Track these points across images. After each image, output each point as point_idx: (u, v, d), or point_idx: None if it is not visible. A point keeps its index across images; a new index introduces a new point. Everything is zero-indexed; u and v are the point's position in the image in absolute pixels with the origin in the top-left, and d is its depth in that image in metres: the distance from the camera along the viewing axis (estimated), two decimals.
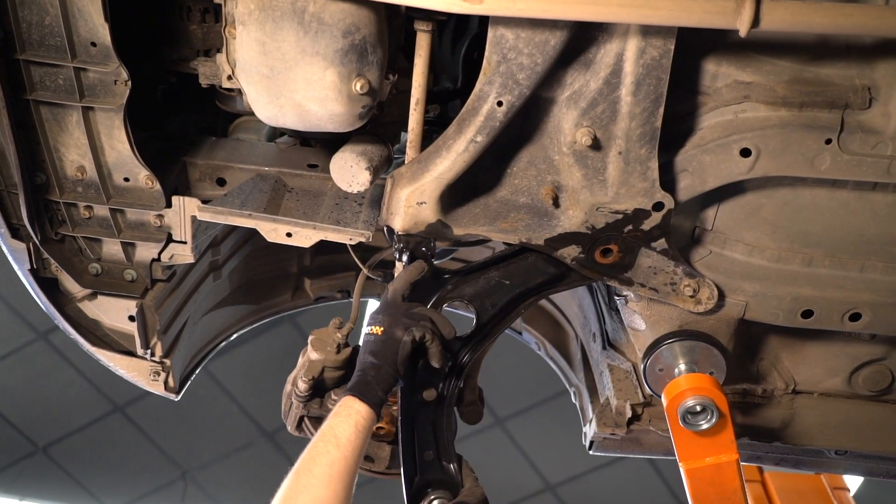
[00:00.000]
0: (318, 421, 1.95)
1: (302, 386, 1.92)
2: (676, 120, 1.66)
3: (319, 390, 1.96)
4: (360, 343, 1.71)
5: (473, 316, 1.78)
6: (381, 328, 1.63)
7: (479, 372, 2.03)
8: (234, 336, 2.50)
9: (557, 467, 8.55)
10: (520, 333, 2.60)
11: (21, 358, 7.91)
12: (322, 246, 2.44)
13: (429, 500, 1.77)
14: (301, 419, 1.99)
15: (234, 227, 2.23)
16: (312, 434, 1.94)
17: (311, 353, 1.95)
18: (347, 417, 1.56)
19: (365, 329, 1.67)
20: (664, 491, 8.35)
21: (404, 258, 1.74)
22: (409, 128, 1.68)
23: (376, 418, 1.60)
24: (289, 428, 2.02)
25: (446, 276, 1.77)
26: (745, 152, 1.63)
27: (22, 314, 7.52)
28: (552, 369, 2.64)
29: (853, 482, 6.91)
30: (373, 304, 2.04)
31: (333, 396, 1.93)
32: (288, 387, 2.00)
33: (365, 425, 1.57)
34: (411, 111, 1.66)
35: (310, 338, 1.95)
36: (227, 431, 8.50)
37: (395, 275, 1.78)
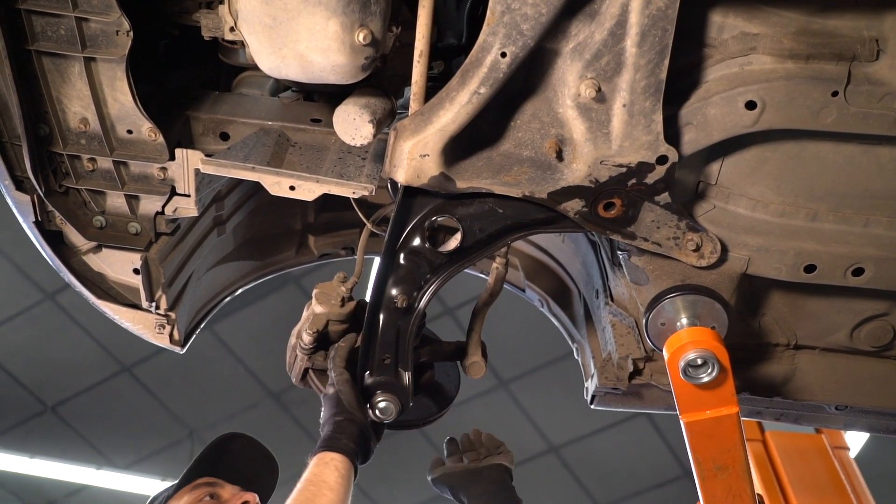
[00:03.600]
0: (321, 373, 1.96)
1: (306, 339, 1.93)
2: (681, 73, 1.65)
3: (323, 343, 1.97)
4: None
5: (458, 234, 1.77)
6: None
7: (482, 329, 2.04)
8: (240, 291, 2.51)
9: (561, 429, 8.63)
10: (523, 290, 2.60)
11: (29, 318, 7.97)
12: (326, 203, 2.45)
13: (377, 400, 1.82)
14: (305, 371, 2.00)
15: (238, 183, 2.23)
16: (317, 386, 1.97)
17: (316, 307, 1.95)
18: (326, 466, 1.68)
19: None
20: (666, 452, 8.42)
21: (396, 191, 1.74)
22: (413, 80, 1.67)
23: (353, 468, 1.72)
24: (293, 380, 2.04)
25: (442, 193, 1.74)
26: (751, 105, 1.62)
27: (29, 275, 7.57)
28: (556, 332, 2.65)
29: (855, 444, 6.98)
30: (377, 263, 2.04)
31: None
32: (292, 340, 2.01)
33: (346, 473, 1.69)
34: (415, 63, 1.64)
35: (314, 291, 1.96)
36: (233, 392, 8.58)
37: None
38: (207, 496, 2.08)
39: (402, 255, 1.81)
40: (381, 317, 1.82)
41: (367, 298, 1.87)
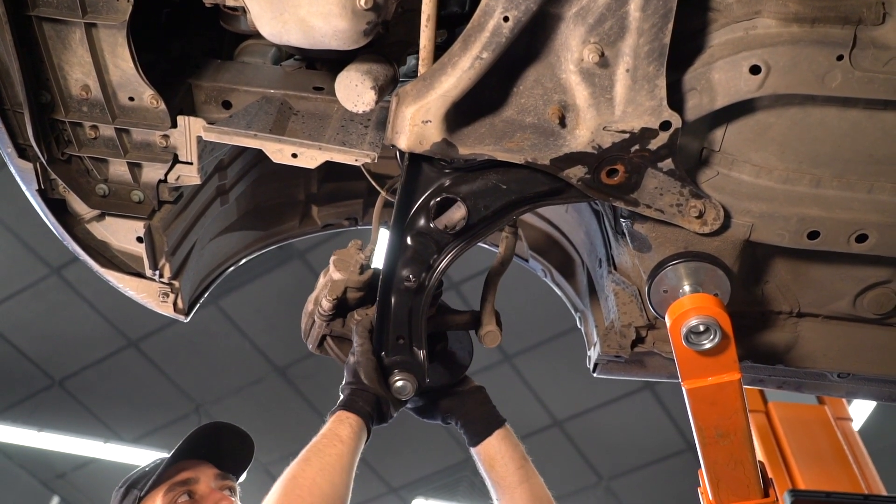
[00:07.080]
0: (339, 340, 1.98)
1: (326, 305, 1.93)
2: (685, 37, 1.63)
3: (341, 310, 1.97)
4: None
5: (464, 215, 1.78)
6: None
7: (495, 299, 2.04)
8: (244, 261, 2.51)
9: (564, 403, 8.67)
10: (526, 261, 2.60)
11: (35, 293, 8.02)
12: (330, 172, 2.44)
13: (394, 380, 1.87)
14: (323, 338, 2.01)
15: (241, 152, 2.23)
16: (335, 352, 1.98)
17: (334, 273, 1.95)
18: (341, 423, 1.79)
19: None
20: (669, 426, 8.46)
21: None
22: (421, 45, 1.65)
23: (367, 429, 1.82)
24: (310, 347, 2.04)
25: (446, 170, 1.75)
26: (755, 69, 1.60)
27: (35, 250, 7.59)
28: (560, 307, 2.65)
29: (859, 417, 7.00)
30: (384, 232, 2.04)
31: (357, 316, 1.95)
32: (310, 306, 2.01)
33: (359, 431, 1.79)
34: (422, 28, 1.63)
35: (332, 258, 1.96)
36: (239, 366, 8.64)
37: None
38: (184, 495, 2.07)
39: (409, 237, 1.81)
40: (393, 298, 1.85)
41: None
